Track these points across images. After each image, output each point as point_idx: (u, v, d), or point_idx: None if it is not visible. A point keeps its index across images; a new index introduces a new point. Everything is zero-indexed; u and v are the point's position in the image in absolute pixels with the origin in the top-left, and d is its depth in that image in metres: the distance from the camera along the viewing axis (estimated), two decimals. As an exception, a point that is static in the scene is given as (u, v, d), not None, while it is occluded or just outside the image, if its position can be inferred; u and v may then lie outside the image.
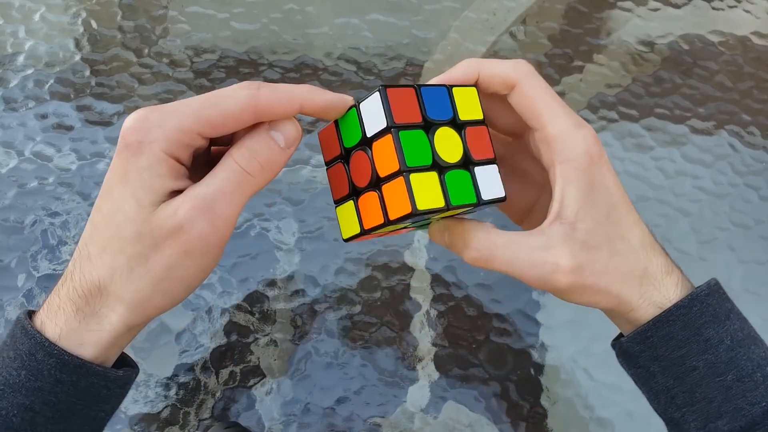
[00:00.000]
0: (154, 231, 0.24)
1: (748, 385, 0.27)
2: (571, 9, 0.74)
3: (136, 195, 0.25)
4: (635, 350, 0.30)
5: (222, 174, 0.25)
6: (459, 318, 0.54)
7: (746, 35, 0.74)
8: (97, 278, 0.25)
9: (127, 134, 0.24)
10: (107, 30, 0.68)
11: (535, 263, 0.28)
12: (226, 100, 0.25)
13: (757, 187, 0.63)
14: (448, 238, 0.30)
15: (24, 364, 0.24)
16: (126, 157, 0.24)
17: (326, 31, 0.69)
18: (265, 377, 0.51)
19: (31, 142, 0.60)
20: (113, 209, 0.25)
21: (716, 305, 0.29)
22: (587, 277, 0.28)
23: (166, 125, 0.24)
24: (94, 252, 0.25)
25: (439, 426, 0.50)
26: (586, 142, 0.28)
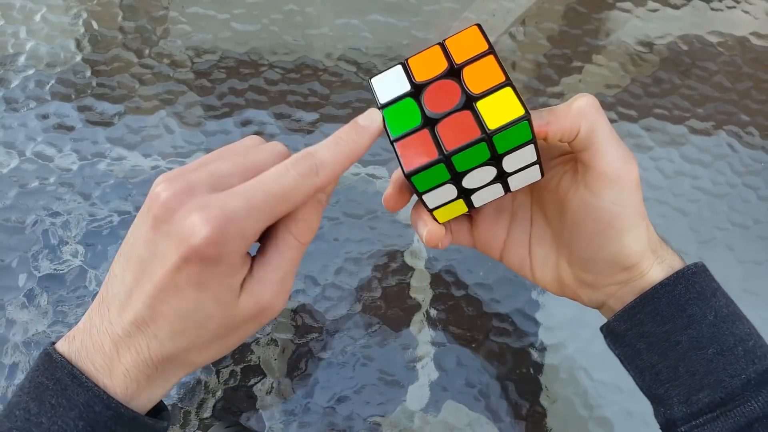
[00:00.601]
0: (236, 319, 0.26)
1: (728, 358, 0.28)
2: (570, 10, 0.74)
3: (218, 297, 0.25)
4: (622, 328, 0.31)
5: (288, 254, 0.27)
6: (458, 317, 0.54)
7: (745, 36, 0.74)
8: (170, 353, 0.26)
9: (204, 247, 0.24)
10: (108, 31, 0.68)
11: (624, 149, 0.30)
12: (294, 195, 0.25)
13: (756, 187, 0.63)
14: (550, 114, 0.28)
15: (81, 414, 0.25)
16: (203, 267, 0.24)
17: (326, 31, 0.69)
18: (266, 376, 0.51)
19: (32, 142, 0.60)
20: (190, 309, 0.25)
21: (702, 283, 0.30)
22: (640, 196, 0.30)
23: (245, 235, 0.25)
24: (164, 335, 0.26)
25: (439, 425, 0.50)
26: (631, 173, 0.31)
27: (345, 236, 0.57)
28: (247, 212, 0.24)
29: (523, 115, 0.26)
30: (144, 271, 0.25)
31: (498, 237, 0.35)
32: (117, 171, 0.59)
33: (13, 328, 0.52)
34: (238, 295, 0.26)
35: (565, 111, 0.28)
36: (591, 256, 0.31)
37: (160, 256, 0.24)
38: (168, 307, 0.25)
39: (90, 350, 0.26)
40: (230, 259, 0.25)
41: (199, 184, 0.24)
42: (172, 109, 0.63)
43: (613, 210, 0.29)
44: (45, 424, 0.25)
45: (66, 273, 0.54)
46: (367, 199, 0.59)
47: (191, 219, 0.23)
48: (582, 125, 0.28)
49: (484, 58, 0.28)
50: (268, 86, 0.65)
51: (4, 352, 0.51)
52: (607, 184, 0.29)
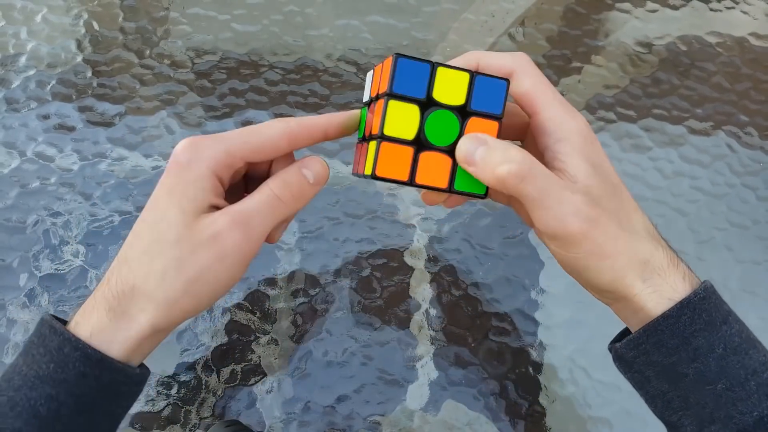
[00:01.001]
0: (193, 237, 0.27)
1: (739, 393, 0.27)
2: (569, 11, 0.74)
3: (180, 204, 0.27)
4: (630, 356, 0.30)
5: (258, 197, 0.29)
6: (458, 317, 0.55)
7: (744, 36, 0.74)
8: (132, 279, 0.27)
9: (180, 154, 0.27)
10: (109, 31, 0.68)
11: (561, 200, 0.27)
12: (265, 130, 0.29)
13: (755, 187, 0.64)
14: (483, 152, 0.28)
15: (53, 358, 0.27)
16: (176, 172, 0.28)
17: (326, 32, 0.70)
18: (266, 376, 0.51)
19: (33, 142, 0.61)
20: (158, 218, 0.28)
21: (711, 310, 0.28)
22: (599, 234, 0.28)
23: (216, 147, 0.28)
24: (133, 256, 0.28)
25: (438, 424, 0.51)
26: (579, 125, 0.29)
27: (345, 236, 0.58)
28: (223, 135, 0.28)
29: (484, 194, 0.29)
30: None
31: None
32: (118, 171, 0.60)
33: (13, 327, 0.52)
34: (200, 212, 0.28)
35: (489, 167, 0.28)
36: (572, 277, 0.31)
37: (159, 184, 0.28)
38: (142, 223, 0.28)
39: (86, 302, 0.28)
40: (199, 168, 0.27)
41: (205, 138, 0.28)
42: (173, 110, 0.63)
43: (561, 254, 0.29)
44: (24, 371, 0.27)
45: (67, 273, 0.55)
46: (367, 199, 0.59)
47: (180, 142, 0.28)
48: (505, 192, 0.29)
49: (492, 120, 0.29)
50: (269, 87, 0.65)
51: (4, 352, 0.51)
52: (548, 239, 0.29)
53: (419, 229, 0.58)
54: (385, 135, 0.27)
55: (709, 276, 0.30)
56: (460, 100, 0.28)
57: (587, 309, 0.34)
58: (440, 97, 0.28)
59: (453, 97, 0.28)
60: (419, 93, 0.27)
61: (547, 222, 0.28)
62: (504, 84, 0.28)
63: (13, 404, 0.26)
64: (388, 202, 0.59)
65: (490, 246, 0.57)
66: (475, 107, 0.28)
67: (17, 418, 0.26)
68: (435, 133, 0.28)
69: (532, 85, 0.30)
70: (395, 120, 0.27)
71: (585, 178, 0.28)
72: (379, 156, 0.27)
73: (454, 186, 0.28)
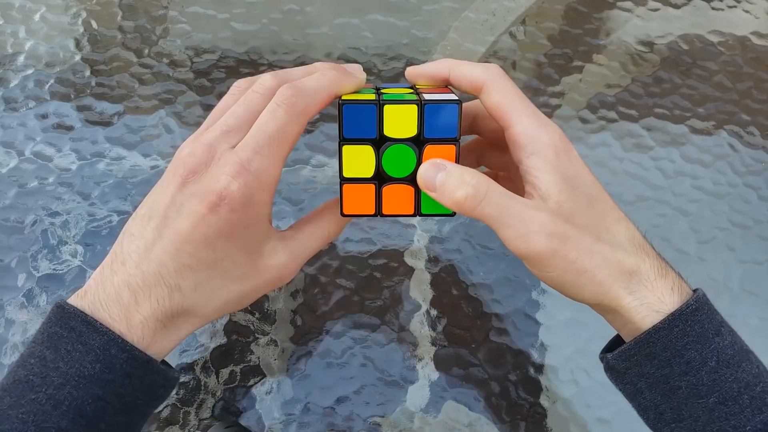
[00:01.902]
0: (258, 275, 0.29)
1: (732, 408, 0.27)
2: (570, 9, 0.74)
3: (246, 247, 0.28)
4: (621, 367, 0.30)
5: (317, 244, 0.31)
6: (458, 318, 0.54)
7: (746, 35, 0.74)
8: (190, 305, 0.28)
9: (235, 198, 0.27)
10: (107, 30, 0.68)
11: (524, 218, 0.27)
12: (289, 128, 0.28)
13: (757, 187, 0.63)
14: (443, 177, 0.28)
15: (98, 357, 0.26)
16: (232, 217, 0.27)
17: (326, 31, 0.69)
18: (265, 377, 0.51)
19: (32, 142, 0.60)
20: (219, 258, 0.28)
21: (704, 322, 0.28)
22: (570, 250, 0.27)
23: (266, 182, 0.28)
24: (188, 287, 0.28)
25: (439, 425, 0.50)
26: (551, 137, 0.29)
27: (345, 236, 0.57)
28: (258, 158, 0.27)
29: (452, 213, 0.30)
30: (167, 226, 0.27)
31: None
32: (116, 171, 0.59)
33: (12, 328, 0.52)
34: (264, 248, 0.29)
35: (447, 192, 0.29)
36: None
37: (187, 213, 0.27)
38: (195, 259, 0.27)
39: (105, 302, 0.27)
40: (258, 208, 0.27)
41: (216, 143, 0.27)
42: (172, 109, 0.63)
43: (541, 275, 0.29)
44: (62, 368, 0.26)
45: (65, 273, 0.54)
46: (367, 199, 0.59)
47: (218, 175, 0.27)
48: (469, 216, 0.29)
49: (448, 144, 0.29)
50: (268, 86, 0.65)
51: (3, 353, 0.51)
52: (521, 258, 0.29)
53: (419, 229, 0.58)
54: (345, 177, 0.28)
55: (711, 276, 0.30)
56: (413, 132, 0.28)
57: (588, 309, 0.34)
58: (392, 133, 0.28)
59: (405, 130, 0.28)
60: (370, 134, 0.28)
61: (511, 242, 0.28)
62: (455, 107, 0.28)
63: (56, 403, 0.25)
64: (388, 201, 0.59)
65: (490, 246, 0.57)
66: (429, 135, 0.28)
67: (63, 417, 0.25)
68: (393, 166, 0.29)
69: (502, 98, 0.29)
70: (352, 162, 0.28)
71: (557, 194, 0.28)
72: (343, 197, 0.29)
73: (420, 210, 0.30)
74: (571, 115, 0.66)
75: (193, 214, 0.26)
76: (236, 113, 0.29)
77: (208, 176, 0.27)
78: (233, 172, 0.26)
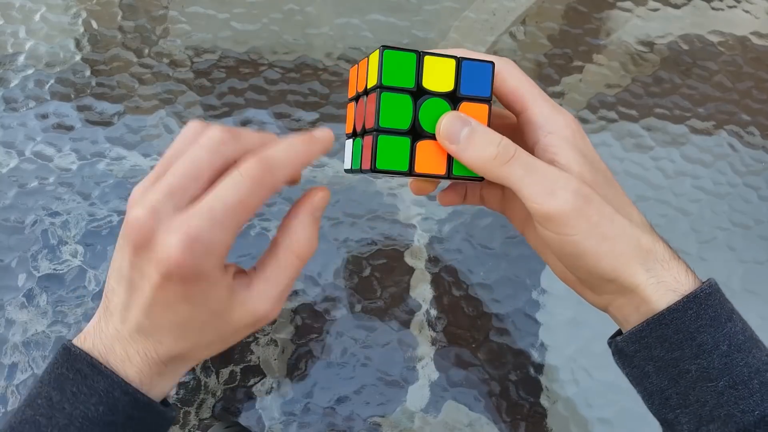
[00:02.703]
0: (233, 327, 0.28)
1: (741, 392, 0.27)
2: (570, 9, 0.74)
3: (208, 308, 0.27)
4: (630, 350, 0.30)
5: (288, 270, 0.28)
6: (459, 318, 0.54)
7: (745, 35, 0.74)
8: (177, 353, 0.28)
9: (180, 269, 0.25)
10: (107, 30, 0.68)
11: (550, 176, 0.27)
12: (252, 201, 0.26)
13: (757, 186, 0.63)
14: (468, 132, 0.28)
15: (101, 400, 0.27)
16: (185, 285, 0.26)
17: (326, 31, 0.69)
18: (265, 377, 0.51)
19: (32, 142, 0.60)
20: (186, 320, 0.27)
21: (716, 307, 0.28)
22: (594, 212, 0.27)
23: (216, 250, 0.26)
24: (168, 341, 0.28)
25: (439, 425, 0.50)
26: (566, 119, 0.29)
27: (345, 236, 0.57)
28: (211, 229, 0.25)
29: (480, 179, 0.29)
30: (135, 289, 0.27)
31: (519, 213, 0.35)
32: (116, 171, 0.59)
33: (12, 328, 0.52)
34: (230, 303, 0.27)
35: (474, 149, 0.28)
36: (571, 270, 0.30)
37: (147, 277, 0.26)
38: (165, 319, 0.27)
39: (102, 351, 0.28)
40: (207, 274, 0.26)
41: (160, 207, 0.26)
42: (172, 109, 0.63)
43: (559, 238, 0.28)
44: (68, 409, 0.27)
45: (65, 273, 0.54)
46: (367, 199, 0.59)
47: (163, 244, 0.25)
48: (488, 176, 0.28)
49: (482, 104, 0.29)
50: (268, 86, 0.65)
51: (3, 353, 0.51)
52: (542, 220, 0.28)
53: (420, 229, 0.58)
54: (381, 128, 0.27)
55: (712, 276, 0.30)
56: (449, 87, 0.28)
57: (589, 309, 0.34)
58: (430, 85, 0.28)
59: (442, 84, 0.28)
60: (409, 83, 0.28)
61: (536, 198, 0.27)
62: (489, 66, 0.29)
63: None
64: (388, 201, 0.59)
65: (491, 246, 0.57)
66: (465, 92, 0.28)
67: None
68: (429, 122, 0.28)
69: (519, 81, 0.30)
70: (389, 112, 0.27)
71: (578, 166, 0.28)
72: (377, 149, 0.27)
73: (452, 172, 0.28)
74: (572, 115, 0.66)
75: (151, 281, 0.26)
76: (180, 171, 0.27)
77: (157, 244, 0.25)
78: (179, 243, 0.25)
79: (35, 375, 0.50)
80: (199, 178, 0.26)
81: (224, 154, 0.27)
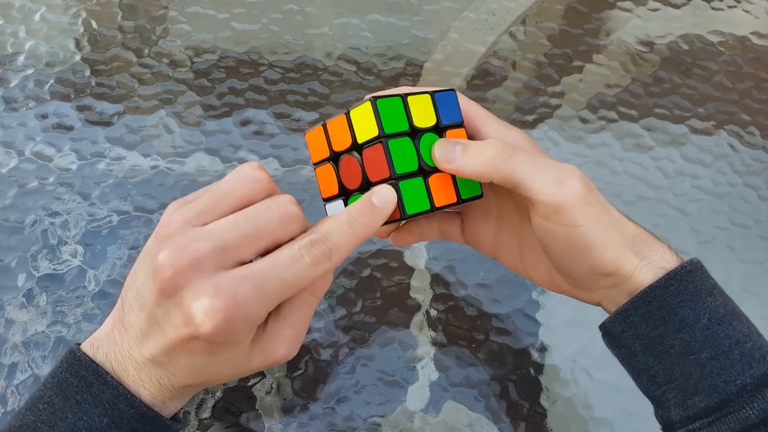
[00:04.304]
0: (250, 368, 0.27)
1: (723, 363, 0.28)
2: (570, 9, 0.74)
3: (229, 361, 0.26)
4: (618, 330, 0.31)
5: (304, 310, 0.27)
6: (459, 318, 0.54)
7: (746, 35, 0.74)
8: (191, 384, 0.27)
9: (213, 336, 0.24)
10: (107, 30, 0.68)
11: (554, 166, 0.28)
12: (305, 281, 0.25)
13: (757, 186, 0.63)
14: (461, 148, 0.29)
15: (106, 411, 0.26)
16: (211, 343, 0.25)
17: (326, 31, 0.69)
18: (265, 377, 0.51)
19: (32, 142, 0.60)
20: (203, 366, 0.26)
21: (697, 282, 0.29)
22: (596, 200, 0.28)
23: (254, 321, 0.25)
24: (182, 375, 0.27)
25: (439, 425, 0.50)
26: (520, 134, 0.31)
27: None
28: (258, 300, 0.24)
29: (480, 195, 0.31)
30: (157, 324, 0.25)
31: (486, 238, 0.35)
32: (116, 171, 0.59)
33: (12, 328, 0.52)
34: (250, 354, 0.27)
35: (474, 156, 0.28)
36: (568, 269, 0.31)
37: (172, 323, 0.25)
38: (183, 360, 0.26)
39: (117, 369, 0.27)
40: (238, 340, 0.25)
41: (206, 259, 0.24)
42: (172, 109, 0.63)
43: (568, 231, 0.28)
44: (71, 419, 0.26)
45: (65, 273, 0.54)
46: (367, 198, 0.59)
47: (200, 304, 0.23)
48: (493, 176, 0.28)
49: (459, 129, 0.30)
50: (268, 86, 0.65)
51: (3, 353, 0.51)
52: (552, 212, 0.28)
53: (419, 229, 0.58)
54: (398, 174, 0.27)
55: (711, 275, 0.30)
56: (434, 120, 0.29)
57: (588, 309, 0.34)
58: (419, 123, 0.29)
59: (427, 119, 0.29)
60: (405, 126, 0.28)
61: (548, 189, 0.28)
62: (453, 93, 0.30)
63: None
64: (388, 201, 0.59)
65: (490, 246, 0.57)
66: (445, 121, 0.30)
67: None
68: (428, 156, 0.29)
69: (467, 106, 0.31)
70: (399, 157, 0.28)
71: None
72: (402, 196, 0.27)
73: (461, 196, 0.30)
74: (571, 115, 0.66)
75: (175, 328, 0.25)
76: (241, 228, 0.24)
77: (190, 298, 0.23)
78: (220, 305, 0.23)
79: (35, 375, 0.50)
80: (256, 244, 0.25)
81: (293, 232, 0.26)
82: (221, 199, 0.26)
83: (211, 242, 0.24)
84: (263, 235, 0.25)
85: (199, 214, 0.25)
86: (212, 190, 0.26)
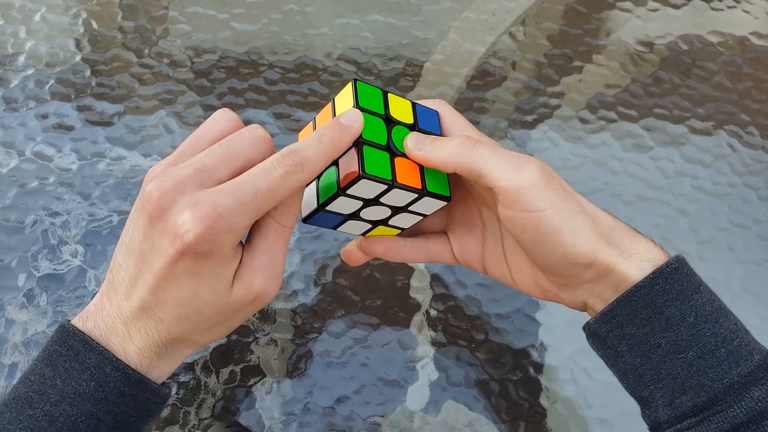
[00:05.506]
0: (233, 305, 0.28)
1: (709, 361, 0.28)
2: (570, 9, 0.74)
3: (212, 286, 0.27)
4: (603, 330, 0.30)
5: (272, 238, 0.29)
6: (458, 317, 0.54)
7: (745, 35, 0.74)
8: (177, 335, 0.28)
9: (198, 243, 0.26)
10: (108, 30, 0.68)
11: (513, 155, 0.29)
12: (280, 192, 0.27)
13: (756, 187, 0.63)
14: (431, 141, 0.31)
15: (93, 375, 0.27)
16: (197, 259, 0.26)
17: (326, 31, 0.69)
18: (265, 377, 0.51)
19: (32, 142, 0.60)
20: (188, 296, 0.28)
21: (683, 280, 0.29)
22: (558, 186, 0.29)
23: (235, 230, 0.26)
24: (169, 320, 0.28)
25: (439, 425, 0.50)
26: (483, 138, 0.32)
27: (345, 236, 0.57)
28: (237, 209, 0.26)
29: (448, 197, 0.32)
30: (144, 262, 0.27)
31: (475, 252, 0.35)
32: (116, 171, 0.59)
33: (12, 328, 0.52)
34: (231, 283, 0.28)
35: (440, 146, 0.30)
36: (545, 262, 0.31)
37: (158, 250, 0.26)
38: (169, 294, 0.27)
39: (104, 331, 0.28)
40: (222, 252, 0.26)
41: (187, 181, 0.26)
42: (172, 109, 0.63)
43: (532, 217, 0.29)
44: (59, 385, 0.27)
45: (65, 273, 0.54)
46: (367, 198, 0.59)
47: (183, 217, 0.25)
48: (456, 166, 0.30)
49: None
50: (268, 86, 0.65)
51: (3, 352, 0.51)
52: (512, 198, 0.29)
53: (419, 229, 0.58)
54: (364, 139, 0.30)
55: (711, 276, 0.31)
56: (410, 120, 0.32)
57: (589, 309, 0.35)
58: (396, 116, 0.31)
59: (404, 116, 0.32)
60: (380, 109, 0.31)
61: (505, 175, 0.28)
62: (435, 113, 0.33)
63: (52, 419, 0.27)
64: (388, 201, 0.59)
65: (490, 246, 0.57)
66: (422, 126, 0.32)
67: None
68: (399, 145, 0.31)
69: (456, 118, 0.32)
70: (368, 128, 0.30)
71: None
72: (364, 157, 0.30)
73: (427, 187, 0.31)
74: (571, 115, 0.66)
75: (162, 253, 0.26)
76: (216, 152, 0.27)
77: (177, 216, 0.25)
78: (204, 217, 0.25)
79: (35, 375, 0.51)
80: (231, 164, 0.27)
81: (264, 152, 0.28)
82: (198, 138, 0.28)
83: (191, 167, 0.27)
84: (238, 155, 0.27)
85: (180, 155, 0.28)
86: (190, 136, 0.29)
